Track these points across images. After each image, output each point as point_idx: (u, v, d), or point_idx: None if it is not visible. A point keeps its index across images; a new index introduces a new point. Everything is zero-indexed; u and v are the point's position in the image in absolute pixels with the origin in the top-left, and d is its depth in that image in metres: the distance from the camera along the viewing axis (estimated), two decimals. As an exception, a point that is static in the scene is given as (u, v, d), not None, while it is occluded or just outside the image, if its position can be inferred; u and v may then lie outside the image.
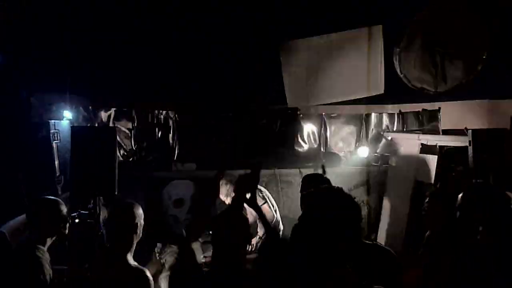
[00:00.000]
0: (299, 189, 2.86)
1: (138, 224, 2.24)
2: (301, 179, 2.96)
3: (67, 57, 4.00)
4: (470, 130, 3.66)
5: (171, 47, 5.13)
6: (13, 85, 3.82)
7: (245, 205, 2.26)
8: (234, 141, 5.48)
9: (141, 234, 2.27)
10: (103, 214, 3.14)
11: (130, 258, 2.20)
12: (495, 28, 4.06)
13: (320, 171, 3.48)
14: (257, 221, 2.01)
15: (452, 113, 4.90)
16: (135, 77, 5.05)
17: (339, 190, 1.53)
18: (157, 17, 4.86)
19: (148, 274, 2.15)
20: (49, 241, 2.38)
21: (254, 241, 3.70)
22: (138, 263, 2.21)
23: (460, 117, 4.72)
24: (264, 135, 5.65)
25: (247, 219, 2.12)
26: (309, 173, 3.10)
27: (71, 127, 3.38)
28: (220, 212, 2.34)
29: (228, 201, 3.97)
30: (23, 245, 2.36)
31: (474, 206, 2.07)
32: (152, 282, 2.14)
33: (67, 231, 2.49)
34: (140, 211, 2.28)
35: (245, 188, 2.06)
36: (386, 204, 5.36)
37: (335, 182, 2.99)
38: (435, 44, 4.26)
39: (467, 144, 3.68)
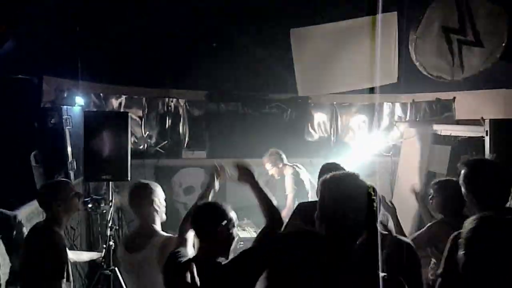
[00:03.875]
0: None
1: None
2: (315, 169, 2.92)
3: (78, 43, 3.97)
4: (488, 120, 3.57)
5: (183, 36, 5.08)
6: (25, 71, 3.80)
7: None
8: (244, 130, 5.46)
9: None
10: (116, 199, 3.14)
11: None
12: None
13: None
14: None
15: (467, 103, 4.81)
16: (145, 65, 5.02)
17: (356, 175, 1.54)
18: (167, 5, 4.81)
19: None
20: (64, 223, 2.37)
21: None
22: None
23: (475, 106, 4.62)
24: (274, 124, 5.62)
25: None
26: (327, 162, 3.01)
27: (84, 111, 3.37)
28: None
29: (272, 171, 4.43)
30: (39, 229, 2.34)
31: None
32: None
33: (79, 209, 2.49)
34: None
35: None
36: (397, 194, 5.31)
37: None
38: (452, 31, 4.16)
39: (483, 134, 3.60)
